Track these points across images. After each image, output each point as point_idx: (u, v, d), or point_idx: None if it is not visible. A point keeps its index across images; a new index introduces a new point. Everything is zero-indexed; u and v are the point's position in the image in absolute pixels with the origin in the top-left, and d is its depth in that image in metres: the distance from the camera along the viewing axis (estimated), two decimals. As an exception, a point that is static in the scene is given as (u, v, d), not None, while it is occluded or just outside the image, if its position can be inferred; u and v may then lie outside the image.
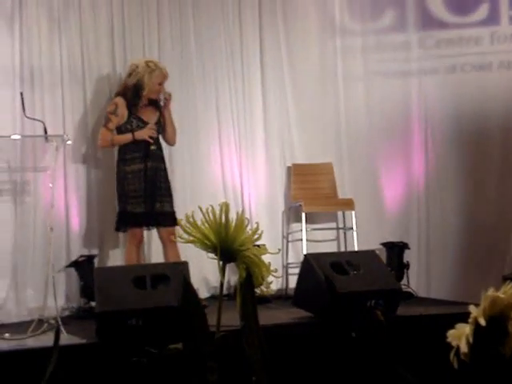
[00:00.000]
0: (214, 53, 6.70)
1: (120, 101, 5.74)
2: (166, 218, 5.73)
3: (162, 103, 5.86)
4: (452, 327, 1.47)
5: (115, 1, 6.34)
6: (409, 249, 6.50)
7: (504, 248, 6.48)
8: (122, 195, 5.74)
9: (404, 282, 6.25)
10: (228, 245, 1.53)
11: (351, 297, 4.78)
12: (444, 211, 6.75)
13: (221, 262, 1.53)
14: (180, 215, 5.69)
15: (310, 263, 5.03)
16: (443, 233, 6.72)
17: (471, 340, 1.41)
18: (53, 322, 5.08)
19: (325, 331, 4.59)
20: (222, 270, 1.53)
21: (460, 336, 1.43)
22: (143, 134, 5.74)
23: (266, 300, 5.70)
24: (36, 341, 4.72)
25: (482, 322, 1.40)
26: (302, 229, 6.39)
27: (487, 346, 1.41)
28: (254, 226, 1.56)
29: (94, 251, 6.08)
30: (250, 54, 6.83)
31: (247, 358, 1.37)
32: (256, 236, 1.54)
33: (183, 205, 6.08)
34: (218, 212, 1.53)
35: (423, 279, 6.68)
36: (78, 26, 6.19)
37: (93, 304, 5.44)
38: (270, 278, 1.57)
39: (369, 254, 5.36)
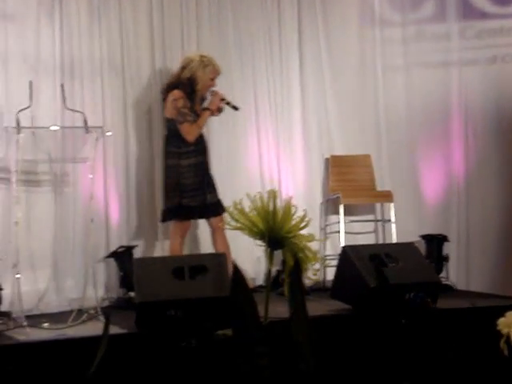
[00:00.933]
0: (252, 46, 6.69)
1: (181, 94, 5.77)
2: (217, 208, 5.84)
3: (208, 100, 5.93)
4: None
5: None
6: (448, 241, 6.44)
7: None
8: (176, 189, 5.77)
9: (443, 274, 6.20)
10: (276, 232, 1.52)
11: (390, 289, 4.76)
12: (484, 203, 6.67)
13: (268, 249, 1.53)
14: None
15: (348, 255, 5.01)
16: (483, 225, 6.65)
17: (523, 328, 1.39)
18: (92, 312, 5.13)
19: (368, 320, 4.57)
20: (270, 257, 1.52)
21: (510, 324, 1.41)
22: (215, 101, 5.87)
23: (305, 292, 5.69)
24: (76, 331, 4.77)
25: (534, 310, 1.38)
26: (340, 221, 6.38)
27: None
28: (302, 213, 1.55)
29: (133, 242, 6.10)
30: (288, 45, 6.80)
31: (295, 345, 1.36)
32: (304, 224, 1.53)
33: (221, 197, 6.08)
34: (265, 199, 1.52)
35: (463, 272, 6.62)
36: (118, 17, 6.21)
37: (132, 294, 5.48)
38: (317, 266, 1.56)
39: (408, 247, 5.32)
